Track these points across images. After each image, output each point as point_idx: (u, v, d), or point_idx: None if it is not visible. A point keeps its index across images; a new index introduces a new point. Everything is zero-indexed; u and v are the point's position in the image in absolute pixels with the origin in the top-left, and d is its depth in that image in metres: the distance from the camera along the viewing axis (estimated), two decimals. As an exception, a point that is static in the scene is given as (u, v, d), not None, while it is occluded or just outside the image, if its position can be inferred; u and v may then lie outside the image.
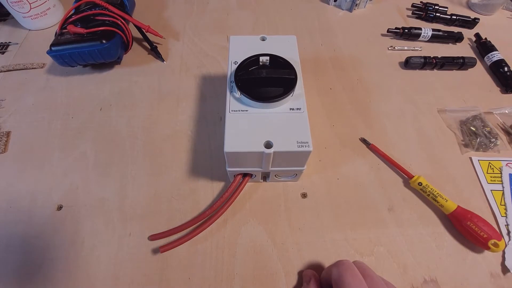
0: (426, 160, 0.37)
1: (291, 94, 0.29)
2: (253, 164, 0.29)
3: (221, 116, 0.40)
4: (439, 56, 0.45)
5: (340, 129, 0.39)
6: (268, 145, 0.26)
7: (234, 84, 0.29)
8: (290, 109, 0.29)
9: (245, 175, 0.32)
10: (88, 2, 0.42)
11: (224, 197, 0.31)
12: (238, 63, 0.30)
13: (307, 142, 0.26)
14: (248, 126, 0.27)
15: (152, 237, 0.30)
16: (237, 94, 0.29)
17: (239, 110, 0.28)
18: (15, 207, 0.33)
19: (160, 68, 0.46)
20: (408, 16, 0.54)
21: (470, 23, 0.51)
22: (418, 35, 0.49)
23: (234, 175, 0.32)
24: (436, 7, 0.53)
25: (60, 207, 0.33)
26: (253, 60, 0.30)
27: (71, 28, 0.40)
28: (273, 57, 0.30)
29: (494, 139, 0.38)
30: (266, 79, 0.28)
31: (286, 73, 0.29)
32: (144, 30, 0.46)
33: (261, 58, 0.30)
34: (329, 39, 0.50)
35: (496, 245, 0.29)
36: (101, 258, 0.30)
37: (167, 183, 0.34)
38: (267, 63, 0.31)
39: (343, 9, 0.55)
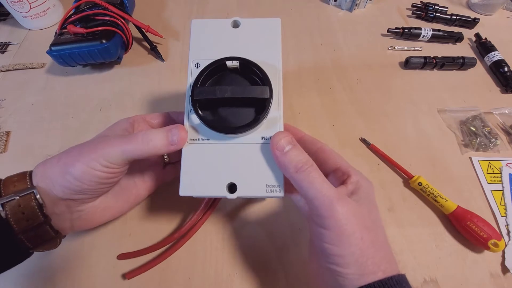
0: (426, 160, 0.37)
1: (264, 119, 0.23)
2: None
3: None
4: (439, 56, 0.45)
5: (340, 129, 0.39)
6: (232, 187, 0.23)
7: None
8: (262, 138, 0.23)
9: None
10: (88, 2, 0.42)
11: (192, 220, 0.30)
12: (199, 70, 0.24)
13: (279, 186, 0.22)
14: (209, 161, 0.23)
15: (120, 257, 0.29)
16: (196, 118, 0.23)
17: (198, 139, 0.24)
18: (15, 207, 0.33)
19: (160, 68, 0.46)
20: (408, 16, 0.54)
21: (470, 23, 0.51)
22: (418, 35, 0.49)
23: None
24: (436, 7, 0.53)
25: (60, 207, 0.33)
26: (217, 66, 0.24)
27: (71, 28, 0.40)
28: (243, 62, 0.23)
29: (494, 139, 0.38)
30: (232, 99, 0.22)
31: (257, 91, 0.22)
32: (144, 30, 0.46)
33: (228, 63, 0.24)
34: (329, 39, 0.50)
35: (496, 245, 0.29)
36: (101, 258, 0.30)
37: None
38: (238, 67, 0.24)
39: (343, 9, 0.55)
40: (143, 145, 0.22)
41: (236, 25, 0.26)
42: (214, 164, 0.23)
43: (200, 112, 0.23)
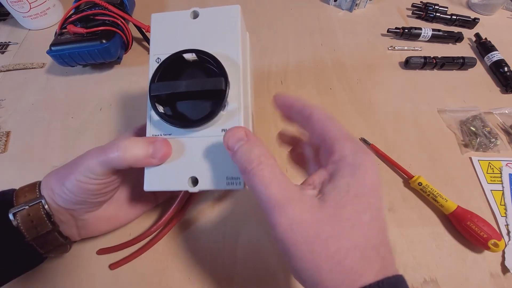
0: (426, 160, 0.37)
1: (222, 110, 0.22)
2: None
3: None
4: (439, 56, 0.45)
5: (340, 129, 0.39)
6: (195, 181, 0.23)
7: None
8: (222, 130, 0.23)
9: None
10: (88, 2, 0.42)
11: (169, 215, 0.30)
12: (158, 63, 0.24)
13: (238, 178, 0.22)
14: (172, 156, 0.23)
15: (100, 252, 0.30)
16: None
17: (161, 135, 0.24)
18: (15, 207, 0.33)
19: (160, 68, 0.45)
20: (408, 16, 0.54)
21: (470, 23, 0.51)
22: (418, 35, 0.49)
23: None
24: (436, 7, 0.53)
25: (60, 207, 0.33)
26: (176, 61, 0.23)
27: (71, 28, 0.40)
28: (199, 54, 0.23)
29: (494, 139, 0.38)
30: (190, 93, 0.22)
31: (211, 83, 0.22)
32: (144, 30, 0.46)
33: (186, 56, 0.23)
34: (329, 39, 0.50)
35: (496, 245, 0.29)
36: (100, 258, 0.30)
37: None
38: (197, 59, 0.24)
39: (343, 9, 0.55)
40: (119, 153, 0.21)
41: (195, 15, 0.25)
42: (176, 158, 0.23)
43: (158, 108, 0.22)
